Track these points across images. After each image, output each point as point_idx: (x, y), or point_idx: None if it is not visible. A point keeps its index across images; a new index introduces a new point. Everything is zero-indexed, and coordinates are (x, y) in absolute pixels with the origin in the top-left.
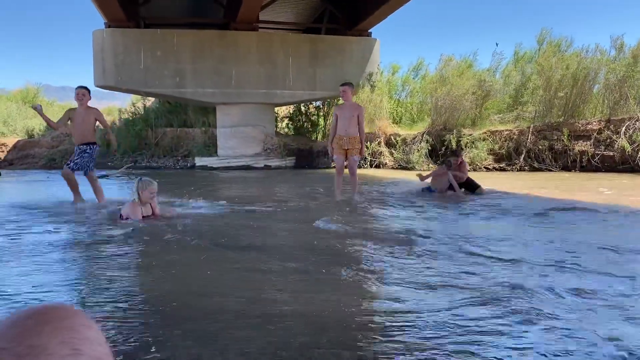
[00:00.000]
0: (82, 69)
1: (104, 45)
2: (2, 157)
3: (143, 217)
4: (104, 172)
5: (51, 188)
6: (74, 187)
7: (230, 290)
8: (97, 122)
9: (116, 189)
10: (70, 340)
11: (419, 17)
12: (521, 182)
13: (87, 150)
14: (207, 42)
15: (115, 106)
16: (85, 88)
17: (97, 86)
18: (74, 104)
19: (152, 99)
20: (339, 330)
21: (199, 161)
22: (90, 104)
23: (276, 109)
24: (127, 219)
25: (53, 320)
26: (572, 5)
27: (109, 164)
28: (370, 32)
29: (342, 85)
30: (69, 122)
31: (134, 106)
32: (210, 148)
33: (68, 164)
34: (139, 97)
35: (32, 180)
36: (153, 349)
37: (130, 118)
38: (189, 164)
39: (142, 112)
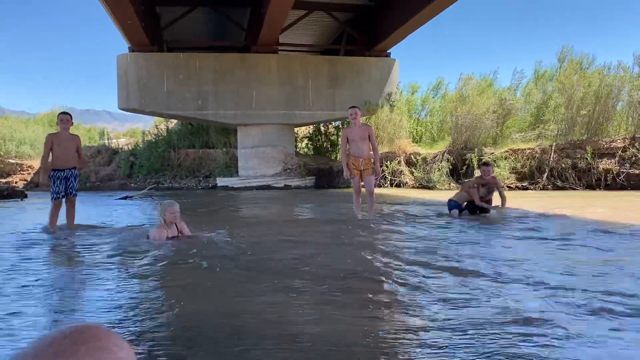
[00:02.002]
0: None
1: (127, 69)
2: (29, 180)
3: (168, 238)
4: (129, 193)
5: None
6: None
7: (253, 311)
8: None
9: (138, 210)
10: None
11: (437, 37)
12: (568, 200)
13: (75, 175)
14: (229, 64)
15: (139, 128)
16: (70, 114)
17: (121, 109)
18: (99, 126)
19: (175, 121)
20: (363, 354)
21: (220, 181)
22: (112, 126)
23: (296, 129)
24: (153, 240)
25: (88, 341)
26: (593, 23)
27: (132, 185)
28: (389, 53)
29: (352, 107)
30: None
31: (157, 128)
32: (231, 168)
33: (74, 193)
34: (162, 119)
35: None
36: None
37: (154, 140)
38: (210, 185)
39: (165, 134)
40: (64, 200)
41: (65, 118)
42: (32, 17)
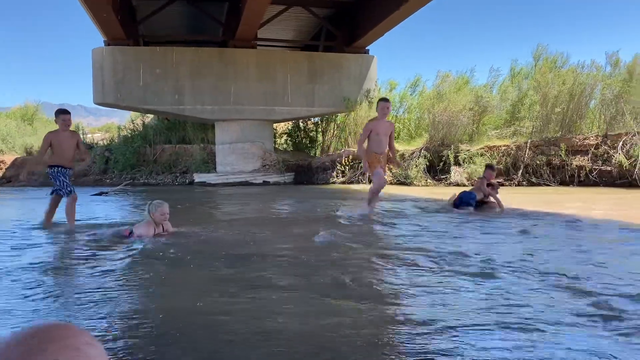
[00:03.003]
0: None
1: (103, 63)
2: (0, 175)
3: (154, 235)
4: (104, 189)
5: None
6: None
7: (232, 308)
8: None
9: (114, 207)
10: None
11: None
12: (546, 197)
13: (70, 174)
14: (206, 59)
15: (114, 123)
16: (70, 113)
17: (97, 103)
18: (74, 120)
19: (151, 116)
20: (341, 349)
21: (198, 177)
22: (87, 120)
23: (275, 125)
24: (139, 236)
25: (57, 339)
26: (567, 22)
27: (107, 181)
28: (368, 50)
29: (385, 100)
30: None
31: (133, 123)
32: (209, 164)
33: (72, 191)
34: (138, 114)
35: (31, 197)
36: None
37: (129, 135)
38: (187, 181)
39: (141, 129)
40: (64, 197)
41: (67, 119)
42: (3, 9)
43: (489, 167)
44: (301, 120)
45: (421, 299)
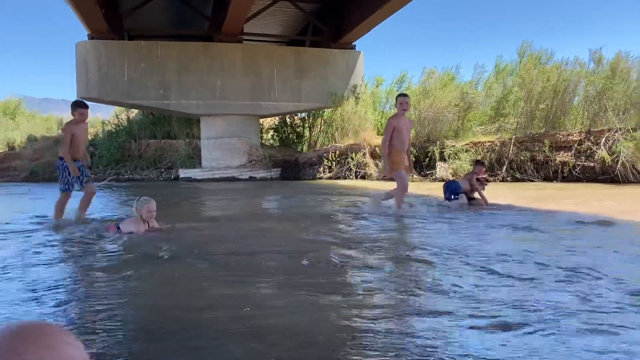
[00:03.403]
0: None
1: (87, 57)
2: None
3: (140, 232)
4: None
5: (35, 202)
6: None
7: (216, 304)
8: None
9: (99, 203)
10: (50, 359)
11: (402, 30)
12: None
13: (84, 167)
14: (192, 54)
15: (99, 118)
16: (88, 106)
17: (81, 98)
18: (56, 116)
19: (136, 111)
20: (325, 345)
21: (183, 173)
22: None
23: (261, 120)
24: (126, 233)
25: (33, 339)
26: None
27: (92, 176)
28: (354, 45)
29: (404, 96)
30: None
31: (118, 118)
32: (194, 160)
33: (83, 183)
34: (123, 108)
35: (13, 193)
36: None
37: (114, 130)
38: (172, 176)
39: (126, 124)
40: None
41: (86, 112)
42: None
43: (479, 162)
44: (288, 116)
45: (414, 293)
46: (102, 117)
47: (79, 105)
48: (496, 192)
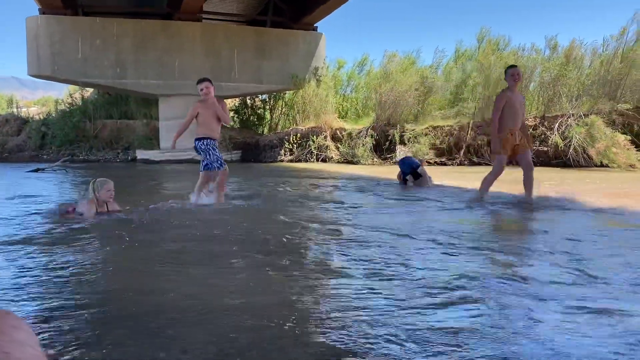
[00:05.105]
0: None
1: (38, 33)
2: None
3: (97, 213)
4: (41, 166)
5: None
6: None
7: (174, 286)
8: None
9: (52, 185)
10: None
11: (364, 13)
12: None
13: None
14: (150, 32)
15: (52, 97)
16: (207, 80)
17: (32, 75)
18: (6, 94)
19: (91, 90)
20: (284, 325)
21: (140, 154)
22: (22, 93)
23: None
24: (81, 214)
25: None
26: (510, 5)
27: (44, 157)
28: (316, 27)
29: (514, 67)
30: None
31: (72, 97)
32: (152, 141)
33: (222, 164)
34: (77, 87)
35: None
36: (93, 349)
37: (68, 109)
38: (129, 157)
39: (80, 103)
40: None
41: (204, 86)
42: None
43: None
44: (248, 97)
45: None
46: (56, 96)
47: (199, 81)
48: (448, 175)
